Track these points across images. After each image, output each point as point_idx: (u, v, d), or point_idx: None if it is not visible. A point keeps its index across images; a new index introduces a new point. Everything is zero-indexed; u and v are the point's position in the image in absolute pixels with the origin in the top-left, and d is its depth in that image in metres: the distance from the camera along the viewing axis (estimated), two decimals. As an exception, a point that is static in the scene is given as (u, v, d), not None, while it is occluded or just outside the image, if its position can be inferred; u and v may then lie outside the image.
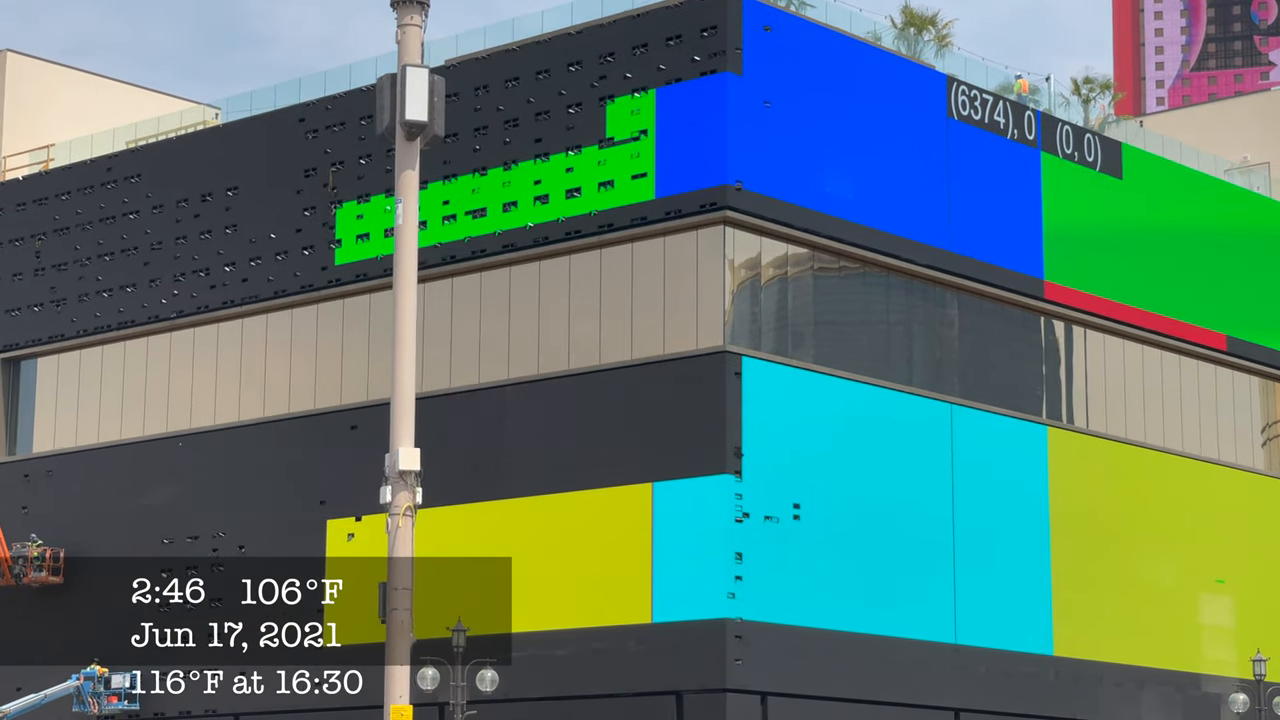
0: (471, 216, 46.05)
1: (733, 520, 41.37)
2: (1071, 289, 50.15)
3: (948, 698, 45.24)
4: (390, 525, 27.39)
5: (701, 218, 42.71)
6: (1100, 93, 60.30)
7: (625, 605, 42.04)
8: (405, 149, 28.10)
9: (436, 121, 27.89)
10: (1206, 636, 52.07)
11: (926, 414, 45.96)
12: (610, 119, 44.18)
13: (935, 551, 45.51)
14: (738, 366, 42.00)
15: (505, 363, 45.48)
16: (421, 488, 27.75)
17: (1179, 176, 54.19)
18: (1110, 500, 50.31)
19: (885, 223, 45.69)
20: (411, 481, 27.31)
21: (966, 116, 48.05)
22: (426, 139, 28.01)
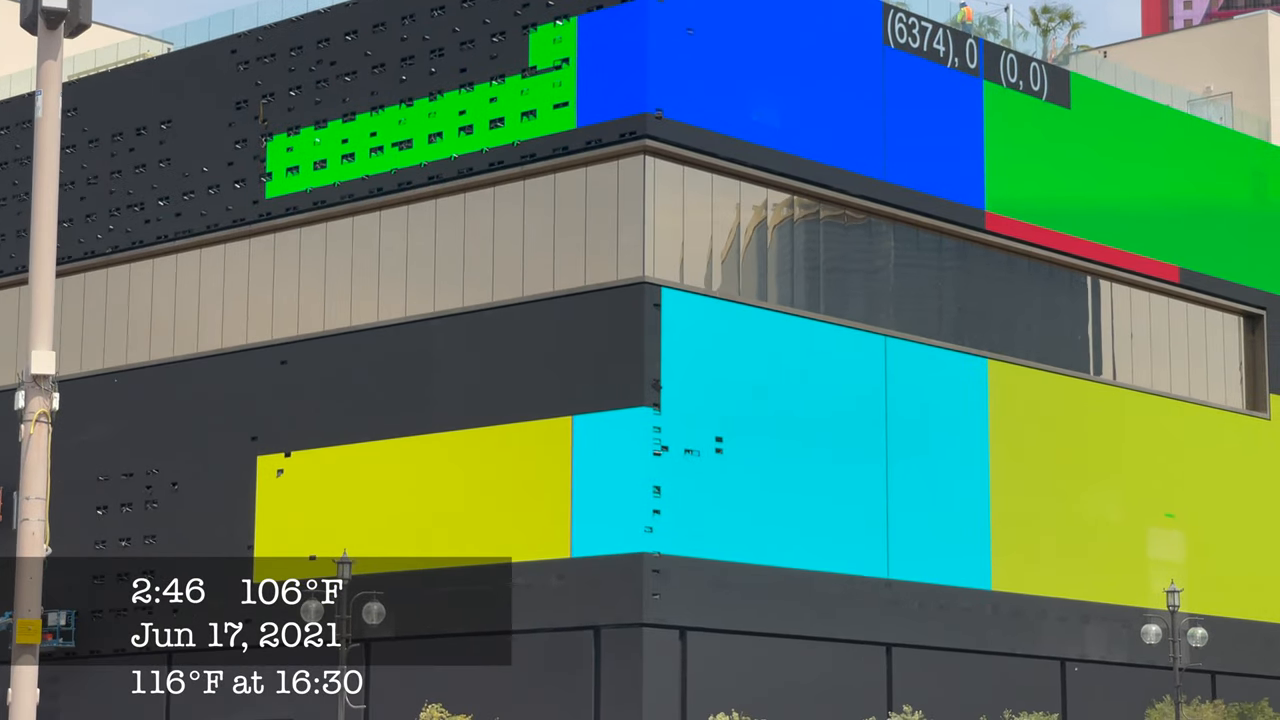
0: (398, 148, 45.54)
1: (650, 454, 40.95)
2: (1014, 220, 49.47)
3: (879, 633, 44.84)
4: (23, 432, 26.44)
5: (621, 147, 42.12)
6: (1059, 22, 59.52)
7: (545, 540, 41.72)
8: (46, 38, 27.31)
9: (82, 10, 27.03)
10: (1154, 571, 51.53)
11: (858, 347, 45.41)
12: (533, 47, 43.59)
13: (867, 486, 45.04)
14: (657, 298, 41.48)
15: (431, 296, 45.06)
16: (58, 392, 26.86)
17: (1131, 106, 53.34)
18: (1054, 434, 49.74)
19: (816, 152, 45.04)
20: (47, 386, 26.35)
21: (903, 45, 47.30)
22: (71, 28, 27.17)
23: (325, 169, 46.63)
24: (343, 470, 45.23)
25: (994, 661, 47.23)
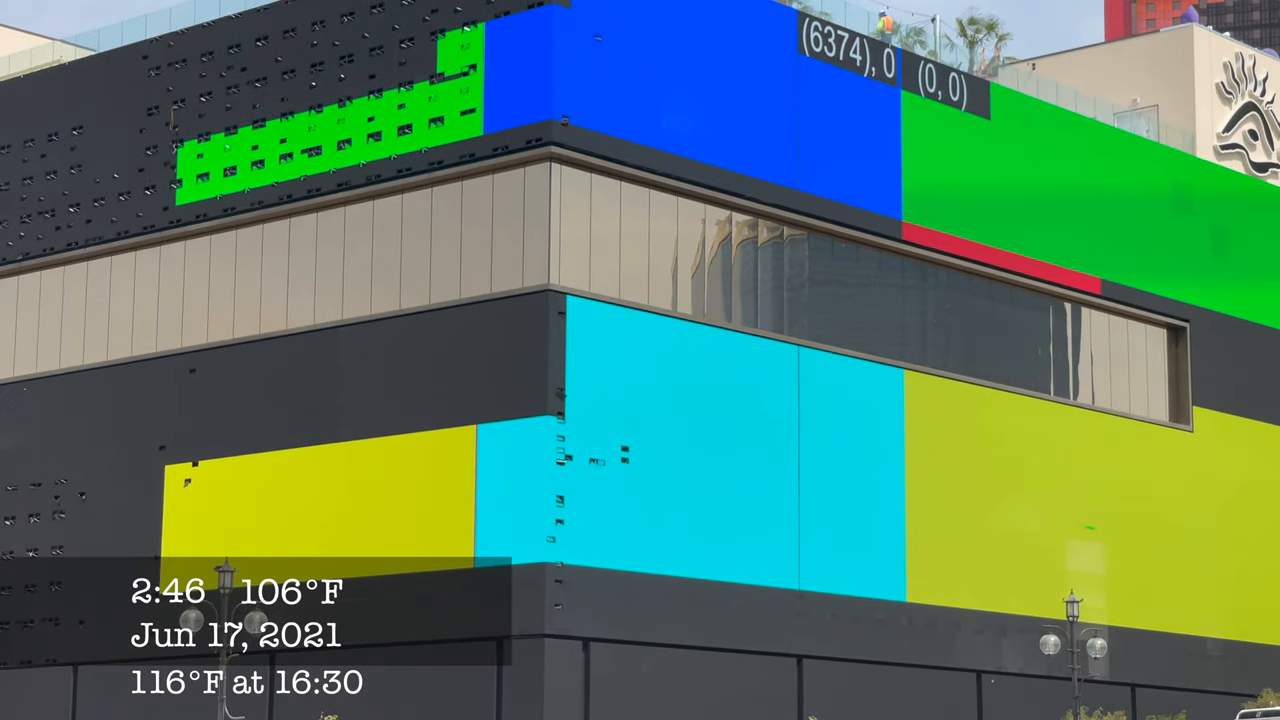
0: (308, 155, 45.15)
1: (554, 463, 40.60)
2: (932, 230, 49.27)
3: (790, 645, 44.51)
4: None
5: (528, 154, 41.81)
6: (986, 34, 59.40)
7: (448, 549, 41.30)
8: None
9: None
10: (1073, 583, 51.25)
11: (770, 356, 45.13)
12: (441, 54, 43.26)
13: (778, 496, 44.73)
14: (562, 306, 41.16)
15: (339, 304, 44.67)
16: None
17: (1053, 118, 53.22)
18: (972, 445, 49.51)
19: (728, 160, 44.78)
20: None
21: (819, 54, 47.08)
22: None
23: (235, 176, 46.23)
24: (250, 479, 44.79)
25: (908, 674, 46.94)
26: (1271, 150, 59.60)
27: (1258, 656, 55.42)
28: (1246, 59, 59.41)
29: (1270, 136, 59.50)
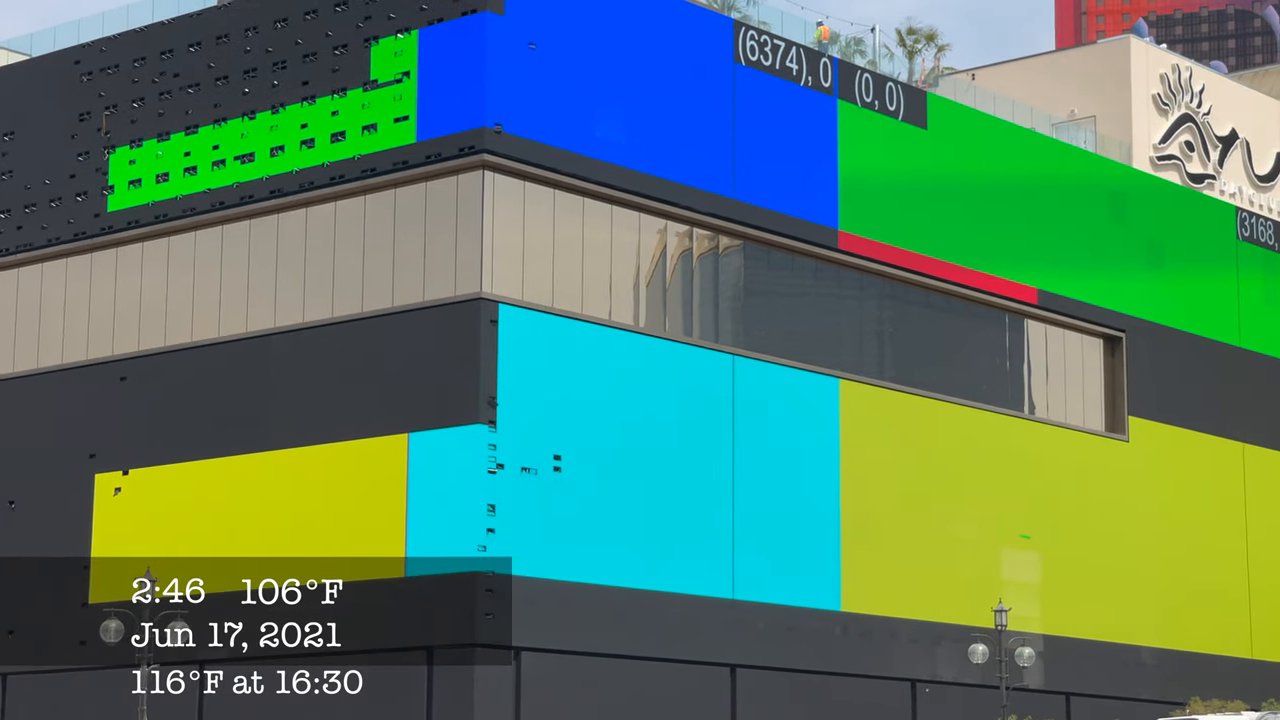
0: (240, 162, 44.91)
1: (485, 471, 40.46)
2: (868, 239, 49.32)
3: (723, 654, 44.45)
4: None
5: (461, 161, 41.68)
6: (925, 44, 59.57)
7: (379, 558, 41.08)
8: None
9: None
10: (1009, 592, 51.38)
11: (705, 365, 45.09)
12: (375, 60, 43.10)
13: (712, 505, 44.68)
14: (494, 314, 41.03)
15: (272, 311, 44.44)
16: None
17: (990, 128, 53.38)
18: (907, 454, 49.56)
19: (662, 169, 44.73)
20: None
21: (755, 62, 47.09)
22: None
23: (167, 182, 45.95)
24: (181, 488, 44.49)
25: (843, 683, 46.95)
26: (1208, 161, 59.92)
27: (1192, 665, 55.66)
28: (1183, 71, 59.74)
29: (1206, 148, 59.84)
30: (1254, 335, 60.20)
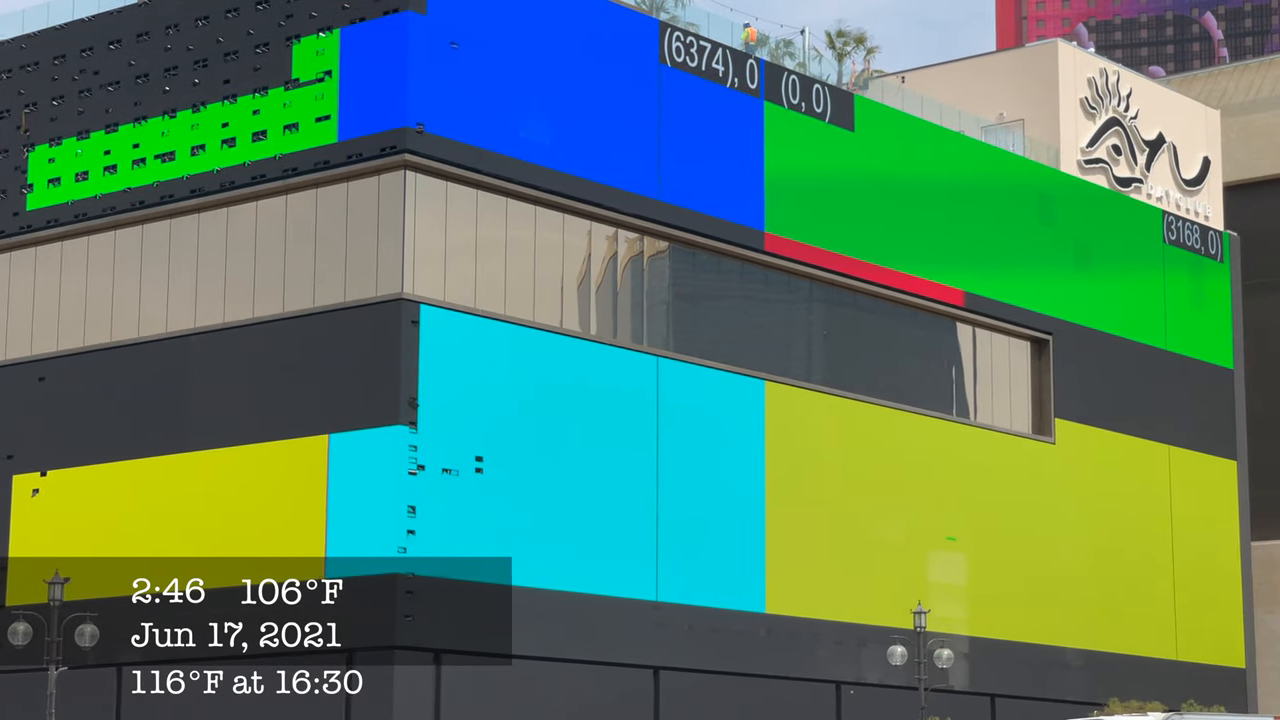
0: (161, 161, 44.56)
1: (406, 473, 40.24)
2: (794, 241, 49.30)
3: (647, 656, 44.34)
4: None
5: (382, 161, 41.44)
6: (855, 47, 59.49)
7: (299, 559, 40.78)
8: None
9: None
10: (934, 594, 51.47)
11: (629, 367, 44.97)
12: (296, 59, 42.82)
13: (636, 507, 44.57)
14: (415, 315, 40.80)
15: (192, 311, 44.08)
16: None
17: (916, 130, 53.46)
18: (834, 457, 49.57)
19: (587, 170, 44.59)
20: None
21: (681, 64, 47.01)
22: None
23: (88, 181, 45.53)
24: (100, 489, 44.08)
25: (767, 685, 46.91)
26: (1135, 165, 60.18)
27: (1117, 666, 55.88)
28: (1110, 75, 59.95)
29: (1134, 151, 60.08)
30: (1180, 338, 60.52)
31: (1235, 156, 67.33)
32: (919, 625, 42.53)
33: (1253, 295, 65.54)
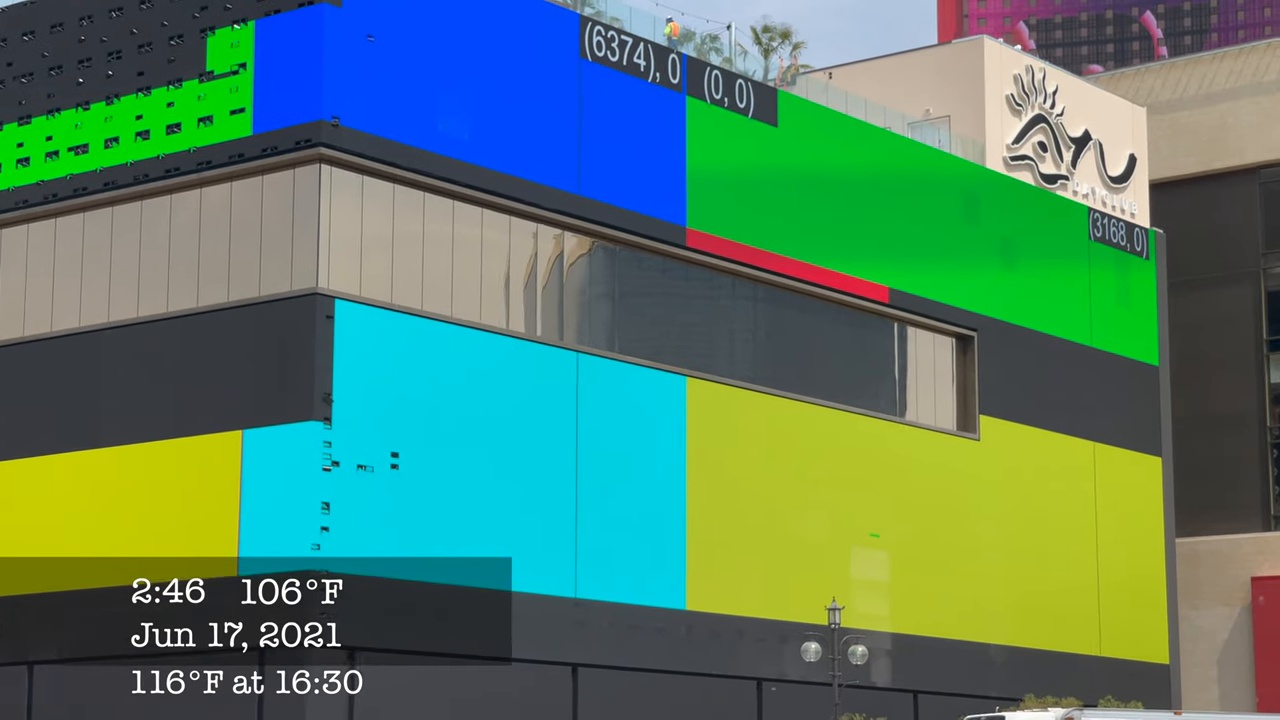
0: (74, 153, 44.06)
1: (320, 469, 39.89)
2: (717, 237, 49.14)
3: (565, 653, 44.11)
4: None
5: (297, 155, 41.08)
6: (781, 42, 59.40)
7: (212, 557, 40.39)
8: None
9: None
10: (858, 591, 51.45)
11: (548, 363, 44.72)
12: (211, 51, 42.39)
13: (555, 504, 44.32)
14: (330, 310, 40.45)
15: (105, 306, 43.61)
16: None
17: (841, 126, 53.36)
18: (756, 453, 49.43)
19: (505, 164, 44.31)
20: None
21: (602, 58, 46.78)
22: None
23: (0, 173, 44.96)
24: (9, 485, 43.55)
25: (688, 682, 46.74)
26: (1060, 162, 60.27)
27: (1041, 663, 55.97)
28: (1037, 72, 60.02)
29: (1060, 149, 60.17)
30: (1106, 335, 60.66)
31: (1162, 154, 67.56)
32: (833, 622, 42.43)
33: (1178, 292, 65.79)
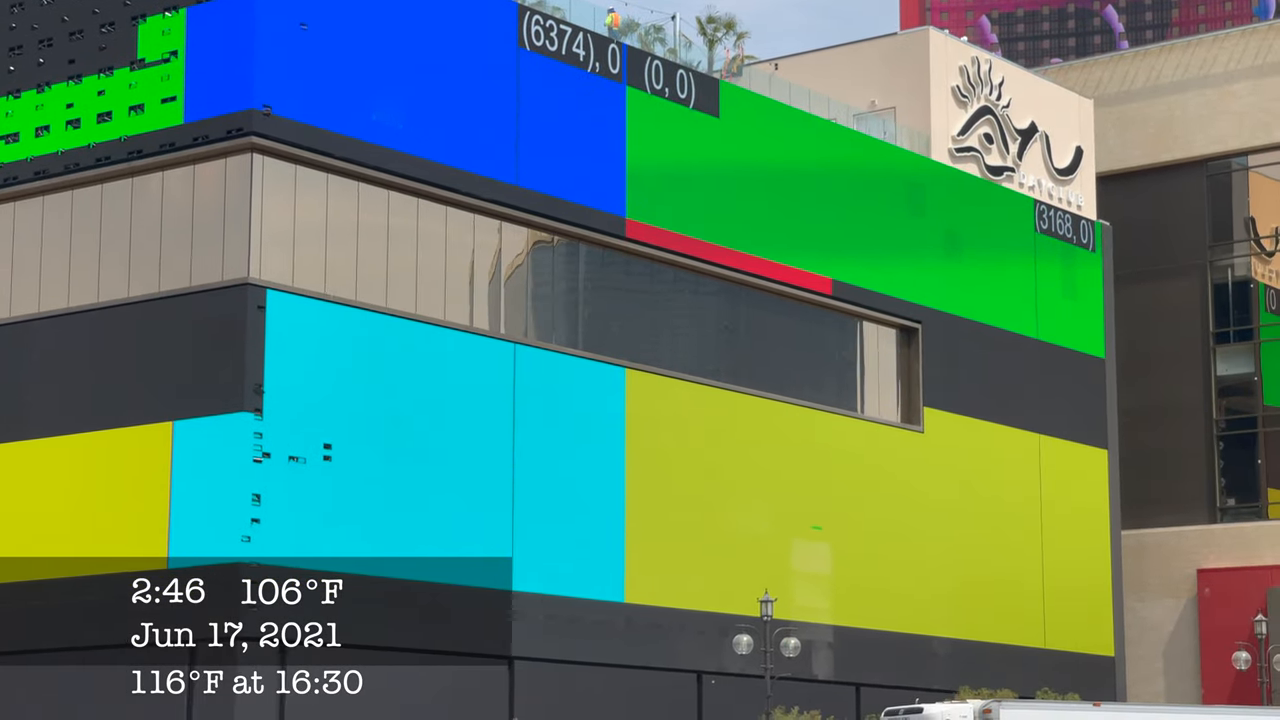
0: (4, 142, 43.61)
1: (251, 460, 39.54)
2: (657, 228, 48.90)
3: (502, 647, 43.81)
4: None
5: (229, 144, 40.73)
6: (725, 33, 59.23)
7: (142, 550, 40.05)
8: None
9: None
10: (800, 584, 51.30)
11: (485, 355, 44.43)
12: (142, 39, 42.00)
13: (492, 497, 44.04)
14: (262, 300, 40.10)
15: (36, 295, 43.19)
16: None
17: (784, 117, 53.16)
18: (697, 445, 49.21)
19: (442, 154, 43.99)
20: None
21: (540, 47, 46.49)
22: None
23: (-69, 162, 44.54)
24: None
25: (627, 675, 46.51)
26: (1006, 154, 60.19)
27: (985, 655, 55.90)
28: (983, 63, 59.91)
29: (1005, 140, 60.10)
30: (1051, 327, 60.62)
31: (1109, 146, 67.55)
32: (765, 614, 42.23)
33: (1125, 284, 65.80)
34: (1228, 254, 68.00)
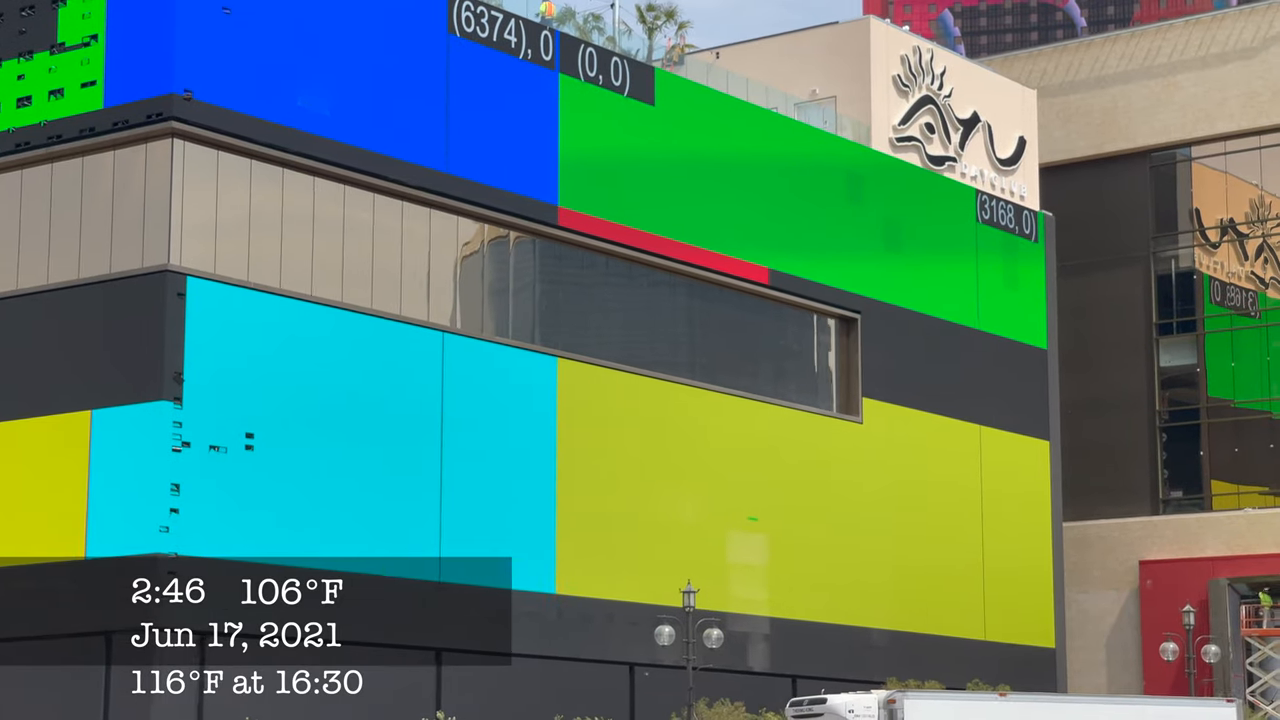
0: (-75, 127, 43.00)
1: (170, 450, 39.04)
2: (589, 216, 48.50)
3: (429, 638, 43.38)
4: None
5: (149, 129, 40.23)
6: (665, 21, 58.78)
7: (60, 540, 39.53)
8: None
9: None
10: (734, 575, 50.98)
11: (411, 343, 43.98)
12: (62, 23, 41.44)
13: (419, 487, 43.61)
14: (182, 287, 39.60)
15: (-45, 283, 42.63)
16: None
17: (721, 106, 52.80)
18: (630, 436, 48.84)
19: (369, 141, 43.52)
20: None
21: (471, 34, 46.03)
22: None
23: None
24: None
25: (558, 667, 46.12)
26: (948, 144, 59.95)
27: (923, 647, 55.65)
28: (924, 53, 59.67)
29: (947, 130, 59.87)
30: (992, 318, 60.39)
31: (1053, 137, 67.39)
32: (688, 605, 41.88)
33: (1069, 276, 65.67)
34: (1172, 245, 67.93)
